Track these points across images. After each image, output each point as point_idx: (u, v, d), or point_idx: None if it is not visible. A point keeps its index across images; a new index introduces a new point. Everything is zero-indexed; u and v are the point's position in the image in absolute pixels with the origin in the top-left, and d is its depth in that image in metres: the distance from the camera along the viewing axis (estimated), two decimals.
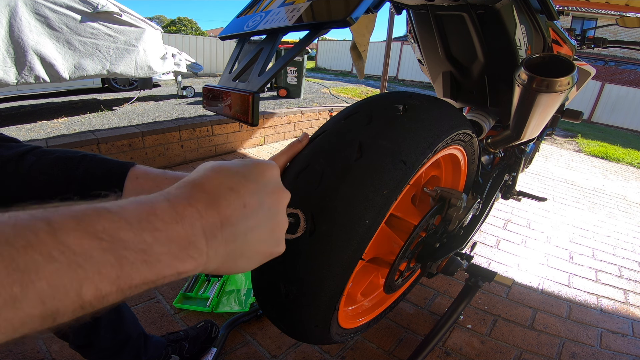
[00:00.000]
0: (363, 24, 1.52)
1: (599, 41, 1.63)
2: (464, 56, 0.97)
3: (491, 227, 2.16)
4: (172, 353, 1.00)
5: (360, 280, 0.86)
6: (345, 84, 8.92)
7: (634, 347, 1.29)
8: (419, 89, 9.29)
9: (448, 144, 0.67)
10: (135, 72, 3.35)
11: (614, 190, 3.31)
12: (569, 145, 5.45)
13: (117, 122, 3.08)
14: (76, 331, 0.78)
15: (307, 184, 0.50)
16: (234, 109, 0.56)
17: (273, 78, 0.57)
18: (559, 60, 0.78)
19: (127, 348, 0.86)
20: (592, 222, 2.44)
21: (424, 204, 0.92)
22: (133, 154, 2.38)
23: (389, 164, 0.51)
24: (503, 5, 0.79)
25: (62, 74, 2.81)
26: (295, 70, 5.01)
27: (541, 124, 1.00)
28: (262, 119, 3.28)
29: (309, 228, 0.48)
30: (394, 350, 1.17)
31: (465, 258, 1.05)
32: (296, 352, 1.12)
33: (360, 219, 0.49)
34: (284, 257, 0.50)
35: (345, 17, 0.46)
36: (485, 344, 1.23)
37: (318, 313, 0.55)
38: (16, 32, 2.51)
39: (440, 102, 0.65)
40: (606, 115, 9.58)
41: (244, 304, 1.28)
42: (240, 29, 0.63)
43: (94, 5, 2.94)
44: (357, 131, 0.54)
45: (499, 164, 1.33)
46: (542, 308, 1.45)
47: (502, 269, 1.73)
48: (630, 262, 1.95)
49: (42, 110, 3.64)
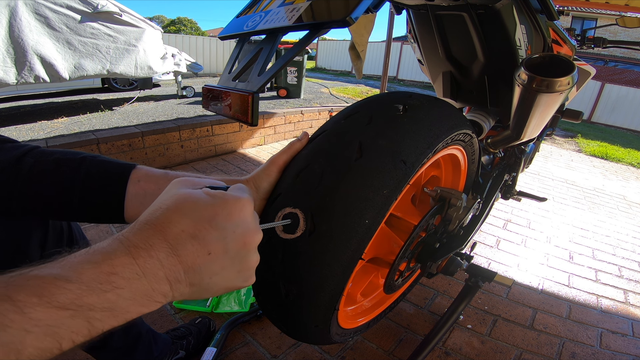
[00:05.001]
0: (362, 24, 1.52)
1: (599, 41, 1.63)
2: (464, 56, 0.97)
3: (491, 227, 2.16)
4: (180, 349, 1.01)
5: (360, 281, 0.86)
6: (345, 84, 8.92)
7: (634, 347, 1.29)
8: (419, 89, 9.29)
9: (448, 144, 0.67)
10: (135, 72, 3.35)
11: (614, 190, 3.31)
12: (569, 145, 5.45)
13: (117, 122, 3.08)
14: None
15: (307, 184, 0.50)
16: (234, 109, 0.56)
17: (273, 78, 0.57)
18: (559, 60, 0.78)
19: (139, 345, 0.86)
20: (592, 222, 2.44)
21: (424, 204, 0.92)
22: (133, 154, 2.38)
23: (389, 163, 0.51)
24: (503, 5, 0.79)
25: (62, 74, 2.81)
26: (295, 70, 5.00)
27: (541, 124, 1.00)
28: (262, 119, 3.28)
29: (309, 228, 0.48)
30: (394, 350, 1.17)
31: (465, 258, 1.05)
32: (296, 352, 1.12)
33: (360, 218, 0.49)
34: (283, 257, 0.50)
35: (345, 17, 0.46)
36: (485, 344, 1.22)
37: (318, 313, 0.55)
38: (16, 32, 2.51)
39: (440, 102, 0.65)
40: (606, 115, 9.57)
41: (244, 304, 1.28)
42: (240, 29, 0.63)
43: (94, 5, 2.94)
44: (357, 131, 0.54)
45: (499, 164, 1.33)
46: (542, 308, 1.45)
47: (502, 269, 1.73)
48: (630, 262, 1.95)
49: (42, 110, 3.64)
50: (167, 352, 0.96)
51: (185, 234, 0.27)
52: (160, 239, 0.27)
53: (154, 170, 0.50)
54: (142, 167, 0.50)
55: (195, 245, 0.28)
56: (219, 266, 0.29)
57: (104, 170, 0.49)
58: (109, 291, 0.24)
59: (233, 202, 0.30)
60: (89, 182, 0.48)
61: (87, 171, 0.48)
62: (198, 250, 0.28)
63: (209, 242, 0.28)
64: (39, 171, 0.46)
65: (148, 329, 0.91)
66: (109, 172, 0.49)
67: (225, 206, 0.30)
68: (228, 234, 0.29)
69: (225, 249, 0.29)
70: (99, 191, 0.48)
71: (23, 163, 0.46)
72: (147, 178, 0.49)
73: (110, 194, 0.48)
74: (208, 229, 0.28)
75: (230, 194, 0.31)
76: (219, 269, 0.29)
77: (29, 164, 0.46)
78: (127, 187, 0.48)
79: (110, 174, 0.48)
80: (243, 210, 0.31)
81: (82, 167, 0.48)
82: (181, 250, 0.27)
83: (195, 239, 0.28)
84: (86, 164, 0.49)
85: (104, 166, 0.49)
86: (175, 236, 0.27)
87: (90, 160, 0.49)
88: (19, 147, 0.48)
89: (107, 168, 0.49)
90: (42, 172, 0.47)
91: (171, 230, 0.27)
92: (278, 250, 0.50)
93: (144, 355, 0.88)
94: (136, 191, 0.48)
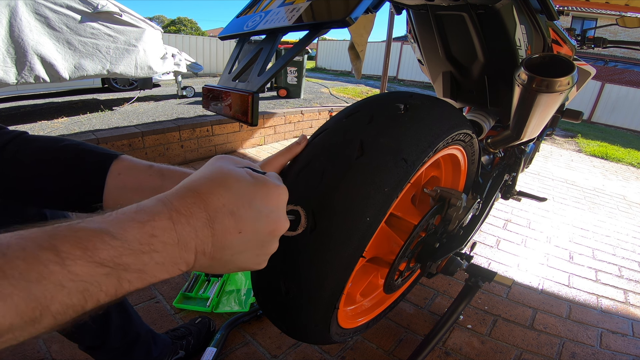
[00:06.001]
0: (361, 24, 1.52)
1: (599, 41, 1.63)
2: (464, 56, 0.97)
3: (491, 227, 2.16)
4: (179, 349, 1.01)
5: (360, 280, 0.86)
6: (345, 84, 8.92)
7: (634, 347, 1.29)
8: (419, 89, 9.29)
9: (448, 143, 0.67)
10: (135, 72, 3.35)
11: (614, 190, 3.31)
12: (569, 145, 5.45)
13: (117, 122, 3.08)
14: (87, 332, 0.78)
15: (308, 182, 0.50)
16: (234, 109, 0.56)
17: (273, 78, 0.57)
18: (559, 60, 0.78)
19: (137, 345, 0.86)
20: (592, 222, 2.44)
21: (424, 204, 0.92)
22: (133, 153, 2.37)
23: (390, 162, 0.51)
24: (503, 5, 0.79)
25: (62, 74, 2.81)
26: (295, 70, 5.00)
27: (541, 124, 1.00)
28: (262, 119, 3.28)
29: (310, 225, 0.48)
30: (394, 350, 1.17)
31: (465, 258, 1.05)
32: (296, 352, 1.12)
33: (361, 216, 0.49)
34: (284, 254, 0.50)
35: (345, 17, 0.46)
36: (485, 344, 1.22)
37: (318, 312, 0.55)
38: (16, 32, 2.51)
39: (440, 102, 0.65)
40: (606, 115, 9.57)
41: (244, 304, 1.28)
42: (240, 29, 0.63)
43: (94, 5, 2.94)
44: (358, 130, 0.54)
45: (499, 164, 1.33)
46: (542, 308, 1.45)
47: (502, 269, 1.73)
48: (630, 262, 1.95)
49: (42, 110, 3.64)
50: (167, 353, 0.96)
51: (225, 208, 0.28)
52: (201, 208, 0.27)
53: (137, 162, 0.49)
54: (126, 158, 0.49)
55: (231, 222, 0.28)
56: (244, 246, 0.30)
57: (83, 159, 0.47)
58: (145, 253, 0.24)
59: (274, 187, 0.32)
60: (68, 171, 0.47)
61: (66, 161, 0.47)
62: (232, 227, 0.29)
63: (243, 220, 0.29)
64: (20, 161, 0.46)
65: (147, 330, 0.91)
66: (89, 161, 0.47)
67: (266, 190, 0.31)
68: (262, 217, 0.30)
69: (255, 230, 0.30)
70: (77, 181, 0.47)
71: (6, 151, 0.46)
72: (128, 171, 0.47)
73: (88, 184, 0.47)
74: (246, 208, 0.29)
75: (270, 179, 0.32)
76: (243, 248, 0.30)
77: (12, 152, 0.46)
78: (106, 179, 0.46)
79: (90, 164, 0.47)
80: (280, 197, 0.32)
81: (62, 155, 0.47)
82: (217, 224, 0.28)
83: (233, 215, 0.29)
84: (67, 153, 0.48)
85: (85, 156, 0.48)
86: (216, 209, 0.28)
87: (72, 149, 0.48)
88: (4, 134, 0.48)
89: (88, 158, 0.48)
90: (22, 161, 0.46)
91: (213, 202, 0.28)
92: (279, 248, 0.50)
93: (143, 355, 0.88)
94: (115, 184, 0.46)
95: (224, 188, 0.29)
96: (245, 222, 0.29)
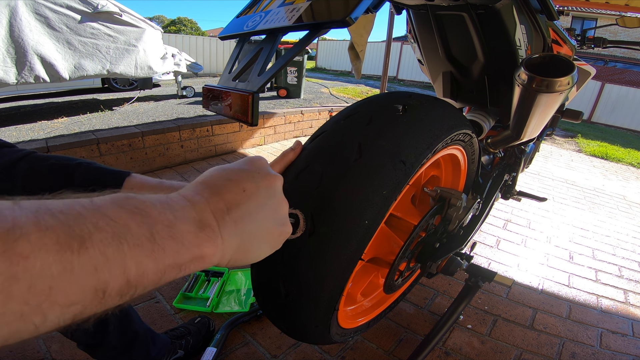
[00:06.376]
0: (361, 24, 1.53)
1: (599, 41, 1.63)
2: (464, 56, 0.97)
3: (491, 227, 2.16)
4: (178, 348, 1.01)
5: (360, 281, 0.86)
6: (345, 84, 8.92)
7: (634, 347, 1.29)
8: (419, 89, 9.30)
9: (448, 144, 0.67)
10: (135, 72, 3.35)
11: (614, 190, 3.31)
12: (569, 145, 5.45)
13: (117, 122, 3.08)
14: (86, 331, 0.79)
15: (306, 185, 0.50)
16: (234, 109, 0.56)
17: (273, 78, 0.57)
18: (559, 60, 0.78)
19: (136, 344, 0.86)
20: (592, 222, 2.44)
21: (424, 204, 0.92)
22: (133, 154, 2.38)
23: (388, 164, 0.51)
24: (503, 5, 0.79)
25: (62, 74, 2.81)
26: (295, 70, 5.00)
27: (541, 124, 1.00)
28: (262, 119, 3.28)
29: (309, 228, 0.48)
30: (394, 350, 1.17)
31: (465, 258, 1.05)
32: (296, 352, 1.12)
33: (360, 219, 0.49)
34: (283, 257, 0.50)
35: (345, 17, 0.46)
36: (485, 344, 1.22)
37: (318, 313, 0.55)
38: (16, 32, 2.51)
39: (440, 102, 0.65)
40: (606, 115, 9.57)
41: (244, 304, 1.28)
42: (240, 29, 0.63)
43: (94, 5, 2.94)
44: (356, 131, 0.54)
45: (499, 164, 1.33)
46: (542, 308, 1.45)
47: (502, 269, 1.72)
48: (630, 262, 1.95)
49: (42, 110, 3.64)
50: (165, 352, 0.96)
51: (222, 178, 0.33)
52: (202, 186, 0.32)
53: (147, 179, 0.50)
54: (136, 176, 0.50)
55: (231, 184, 0.32)
56: (255, 202, 0.33)
57: (97, 177, 0.49)
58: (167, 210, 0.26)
59: (252, 156, 0.38)
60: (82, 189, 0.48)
61: (81, 178, 0.48)
62: (234, 188, 0.32)
63: (241, 180, 0.33)
64: (34, 176, 0.47)
65: (146, 329, 0.91)
66: (103, 179, 0.49)
67: (247, 159, 0.37)
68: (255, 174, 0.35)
69: (256, 185, 0.34)
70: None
71: (18, 168, 0.46)
72: (141, 186, 0.49)
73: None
74: (239, 172, 0.34)
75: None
76: (257, 204, 0.33)
77: (23, 169, 0.47)
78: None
79: (104, 182, 0.48)
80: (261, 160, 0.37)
81: (77, 173, 0.48)
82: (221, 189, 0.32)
83: (231, 180, 0.33)
84: (81, 170, 0.49)
85: (98, 173, 0.49)
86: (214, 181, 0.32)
87: (85, 167, 0.49)
88: (15, 151, 0.49)
89: (101, 176, 0.49)
90: (36, 177, 0.47)
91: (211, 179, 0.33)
92: (278, 250, 0.50)
93: (141, 354, 0.88)
94: None
95: (214, 171, 0.34)
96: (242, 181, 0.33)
